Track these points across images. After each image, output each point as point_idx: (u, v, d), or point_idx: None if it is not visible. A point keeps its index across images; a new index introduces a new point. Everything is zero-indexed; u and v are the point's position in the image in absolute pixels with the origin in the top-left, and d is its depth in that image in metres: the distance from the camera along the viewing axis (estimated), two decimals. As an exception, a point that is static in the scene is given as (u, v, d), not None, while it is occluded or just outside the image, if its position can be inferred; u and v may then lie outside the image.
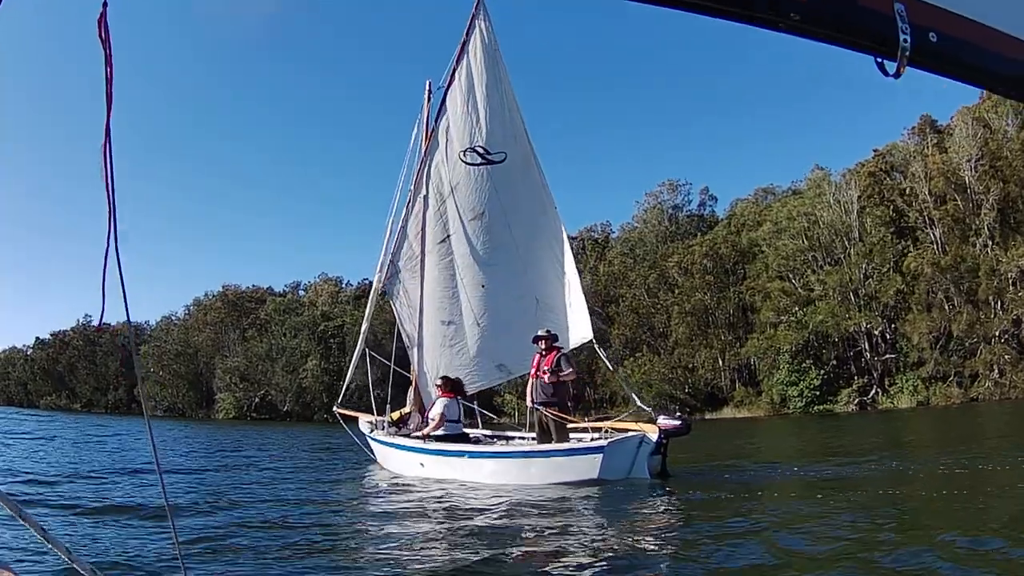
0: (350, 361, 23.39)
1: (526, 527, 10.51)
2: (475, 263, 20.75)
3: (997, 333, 54.61)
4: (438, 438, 17.41)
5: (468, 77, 20.84)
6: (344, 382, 23.36)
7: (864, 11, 1.63)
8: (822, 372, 59.02)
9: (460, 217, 20.84)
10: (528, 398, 17.24)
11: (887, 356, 58.73)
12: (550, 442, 16.10)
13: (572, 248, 20.34)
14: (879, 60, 1.71)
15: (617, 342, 67.90)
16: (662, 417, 15.77)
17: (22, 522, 2.32)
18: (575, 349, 19.77)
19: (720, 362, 65.19)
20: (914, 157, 60.70)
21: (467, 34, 20.86)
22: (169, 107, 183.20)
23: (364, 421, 21.59)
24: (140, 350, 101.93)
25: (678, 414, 17.75)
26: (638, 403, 17.30)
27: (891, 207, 61.08)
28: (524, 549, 9.01)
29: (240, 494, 13.95)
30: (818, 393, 58.43)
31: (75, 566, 2.43)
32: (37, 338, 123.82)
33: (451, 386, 18.17)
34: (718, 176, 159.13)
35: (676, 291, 67.37)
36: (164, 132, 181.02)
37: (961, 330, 54.89)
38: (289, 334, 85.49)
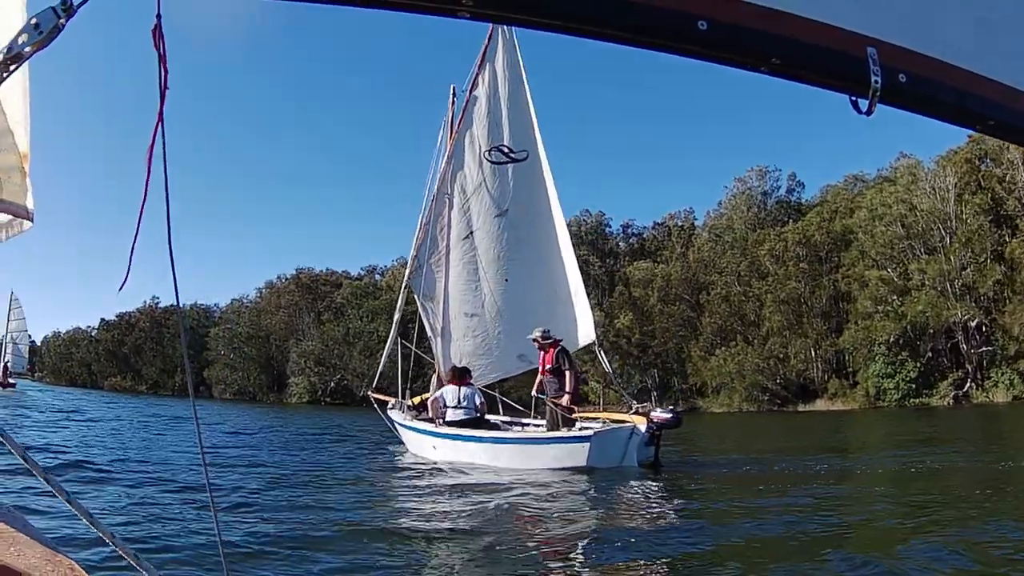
0: (382, 350, 25.43)
1: (504, 507, 11.84)
2: (498, 258, 22.41)
3: (1101, 325, 54.88)
4: (455, 423, 19.12)
5: (492, 78, 22.58)
6: (378, 368, 25.32)
7: (839, 55, 1.80)
8: (918, 364, 59.56)
9: (484, 214, 22.51)
10: (535, 389, 19.73)
11: (983, 349, 58.89)
12: (558, 430, 17.80)
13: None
14: (853, 99, 1.87)
15: (708, 330, 69.16)
16: (657, 410, 17.32)
17: (70, 507, 2.47)
18: (581, 349, 22.00)
19: (813, 353, 65.72)
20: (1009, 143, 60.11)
21: (489, 36, 22.69)
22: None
23: (391, 405, 23.12)
24: (187, 329, 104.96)
25: (670, 407, 18.48)
26: (634, 405, 17.90)
27: (988, 194, 61.26)
28: (496, 527, 10.25)
29: (279, 474, 15.66)
30: (914, 386, 58.98)
31: (119, 551, 2.53)
32: (102, 319, 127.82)
33: (453, 375, 20.12)
34: (795, 163, 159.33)
35: (769, 279, 68.54)
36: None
37: (1063, 322, 55.03)
38: (366, 318, 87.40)
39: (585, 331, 21.46)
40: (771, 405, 65.32)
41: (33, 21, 1.78)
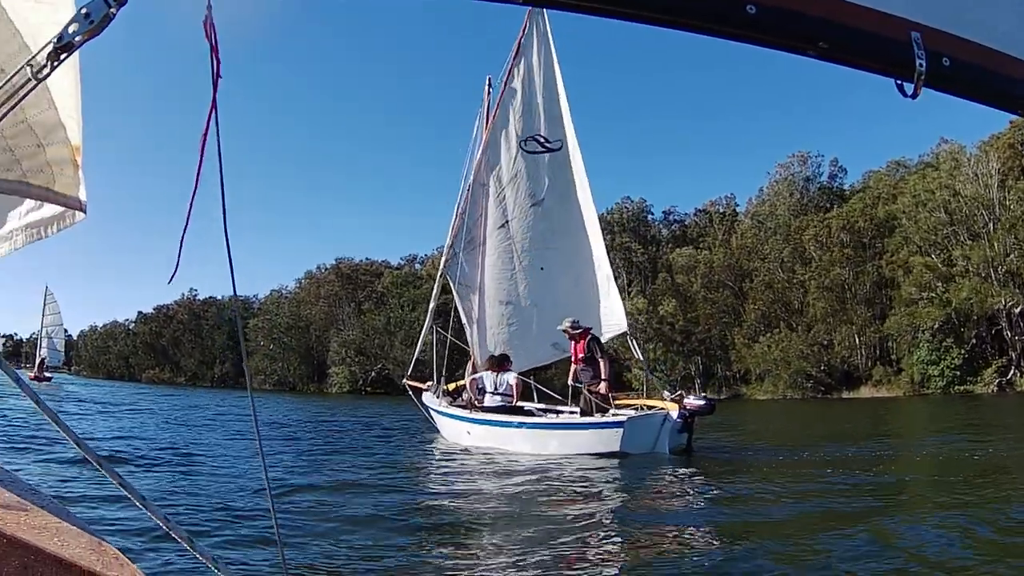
0: (417, 336, 25.63)
1: (546, 491, 12.06)
2: (533, 247, 22.48)
3: None
4: (491, 409, 19.37)
5: (527, 69, 22.73)
6: (413, 356, 25.43)
7: (884, 39, 1.82)
8: (962, 351, 59.50)
9: (520, 203, 22.56)
10: (570, 379, 19.12)
11: (1026, 336, 59.18)
12: (592, 417, 17.87)
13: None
14: (898, 82, 1.88)
15: (752, 317, 69.47)
16: (690, 397, 17.58)
17: (122, 489, 2.48)
18: (614, 337, 22.40)
19: (857, 340, 65.79)
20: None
21: (524, 28, 22.81)
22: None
23: (426, 392, 23.10)
24: (228, 320, 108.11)
25: (703, 395, 19.26)
26: (666, 395, 18.19)
27: (1032, 180, 61.22)
28: (531, 511, 10.41)
29: (320, 461, 15.66)
30: (958, 373, 59.04)
31: (172, 535, 2.52)
32: (140, 312, 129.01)
33: (491, 362, 20.31)
34: (836, 149, 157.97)
35: (813, 265, 68.99)
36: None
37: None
38: (407, 307, 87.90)
39: (617, 320, 21.59)
40: (815, 392, 65.43)
41: (83, 11, 1.82)
